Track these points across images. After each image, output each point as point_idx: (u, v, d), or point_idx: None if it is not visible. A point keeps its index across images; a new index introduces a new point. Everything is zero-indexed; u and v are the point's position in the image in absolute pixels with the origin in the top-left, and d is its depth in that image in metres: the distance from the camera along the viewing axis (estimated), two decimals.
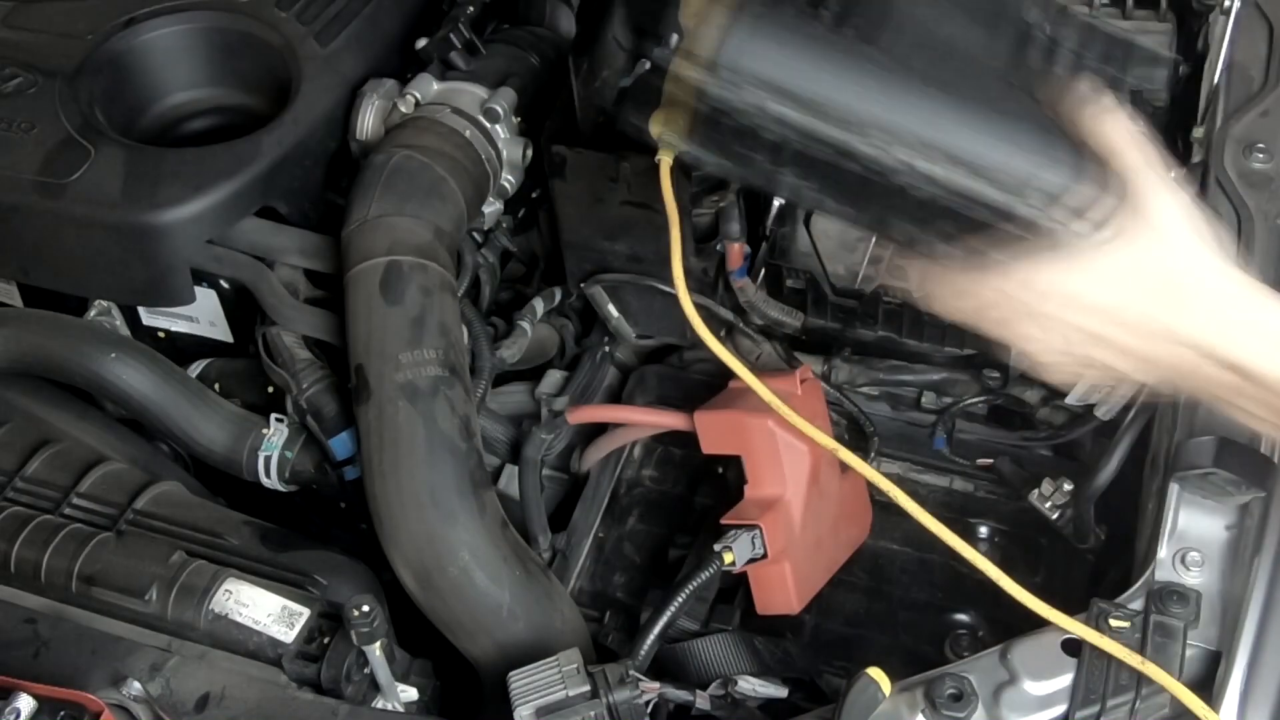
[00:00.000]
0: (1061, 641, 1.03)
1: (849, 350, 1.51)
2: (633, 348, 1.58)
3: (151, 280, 1.39)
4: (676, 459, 1.50)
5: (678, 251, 1.20)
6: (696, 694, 1.14)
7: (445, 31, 1.52)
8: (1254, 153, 1.31)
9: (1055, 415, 1.42)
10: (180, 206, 1.35)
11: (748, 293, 1.47)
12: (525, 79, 1.54)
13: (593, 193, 1.38)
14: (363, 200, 1.36)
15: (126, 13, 1.54)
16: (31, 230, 1.39)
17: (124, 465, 1.34)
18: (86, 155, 1.38)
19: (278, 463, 1.36)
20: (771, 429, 1.25)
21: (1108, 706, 0.98)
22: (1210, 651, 1.03)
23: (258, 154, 1.40)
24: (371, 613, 1.03)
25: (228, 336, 1.49)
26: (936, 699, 0.99)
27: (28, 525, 1.22)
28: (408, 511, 1.21)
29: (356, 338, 1.30)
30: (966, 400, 1.45)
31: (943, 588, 1.36)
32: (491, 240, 1.60)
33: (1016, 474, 1.37)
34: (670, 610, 1.16)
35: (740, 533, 1.21)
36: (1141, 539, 1.18)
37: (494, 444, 1.45)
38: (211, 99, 1.58)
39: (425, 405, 1.24)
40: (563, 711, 1.04)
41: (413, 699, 1.17)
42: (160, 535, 1.23)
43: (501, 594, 1.20)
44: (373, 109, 1.48)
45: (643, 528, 1.44)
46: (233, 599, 1.15)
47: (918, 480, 1.44)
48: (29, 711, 0.98)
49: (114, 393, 1.37)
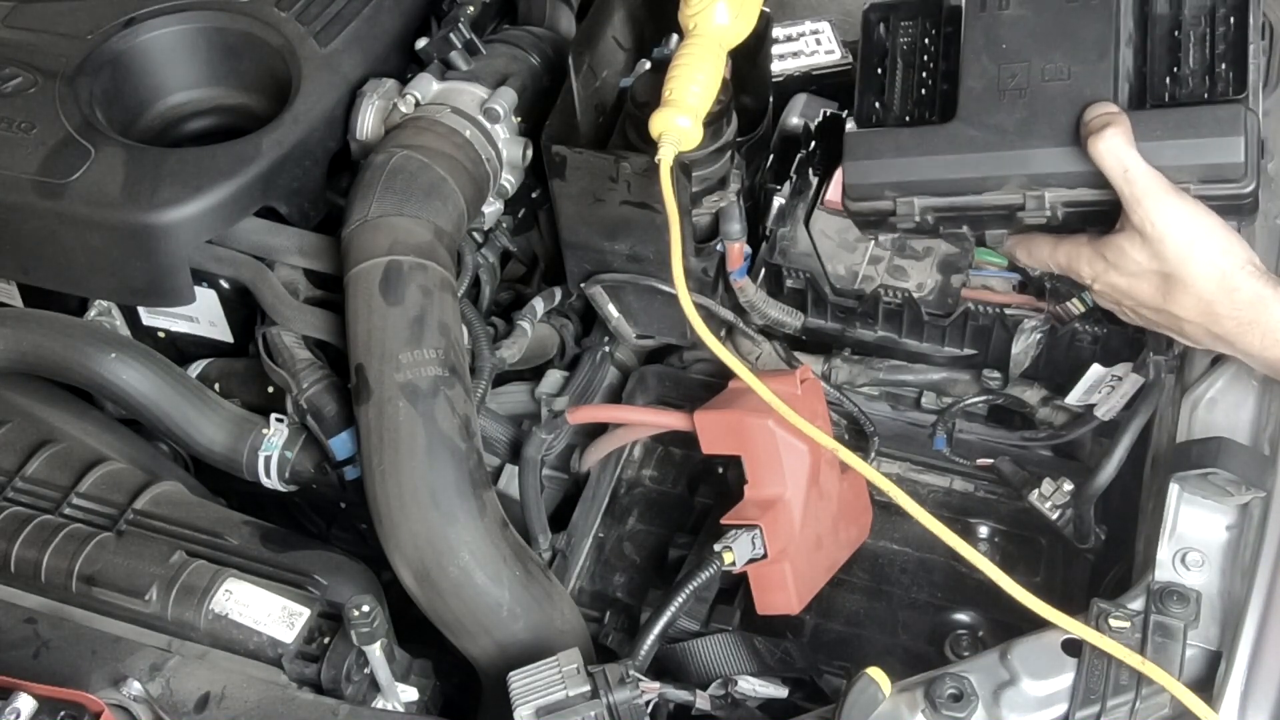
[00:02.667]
0: (1061, 641, 1.03)
1: (849, 350, 1.51)
2: (633, 348, 1.58)
3: (151, 280, 1.39)
4: (676, 459, 1.50)
5: (678, 251, 1.20)
6: (696, 694, 1.14)
7: (445, 31, 1.52)
8: None
9: (1055, 415, 1.42)
10: (180, 206, 1.35)
11: (748, 293, 1.47)
12: (525, 79, 1.54)
13: (593, 193, 1.38)
14: (363, 200, 1.36)
15: (126, 13, 1.54)
16: (31, 230, 1.39)
17: (124, 465, 1.34)
18: (86, 155, 1.38)
19: (278, 463, 1.36)
20: (771, 429, 1.25)
21: (1108, 706, 0.98)
22: (1210, 651, 1.03)
23: (258, 154, 1.40)
24: (371, 613, 1.03)
25: (228, 336, 1.49)
26: (936, 699, 0.99)
27: (28, 525, 1.22)
28: (408, 511, 1.21)
29: (356, 338, 1.30)
30: (966, 400, 1.45)
31: (943, 588, 1.36)
32: (491, 240, 1.60)
33: (1016, 474, 1.37)
34: (670, 610, 1.16)
35: (740, 533, 1.21)
36: (1141, 539, 1.19)
37: (494, 444, 1.45)
38: (211, 99, 1.58)
39: (425, 405, 1.24)
40: (563, 711, 1.04)
41: (413, 699, 1.17)
42: (160, 535, 1.23)
43: (501, 594, 1.20)
44: (373, 109, 1.48)
45: (643, 528, 1.44)
46: (233, 599, 1.16)
47: (918, 480, 1.44)
48: (29, 711, 0.98)
49: (114, 393, 1.37)
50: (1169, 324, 1.14)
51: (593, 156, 1.35)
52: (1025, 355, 1.43)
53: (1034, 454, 1.41)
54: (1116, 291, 1.15)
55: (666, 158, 1.22)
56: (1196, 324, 1.11)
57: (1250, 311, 1.07)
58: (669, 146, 1.23)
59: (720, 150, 1.40)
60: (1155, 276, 1.11)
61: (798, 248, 1.51)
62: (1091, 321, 1.40)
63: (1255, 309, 1.07)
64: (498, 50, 1.57)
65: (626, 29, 1.54)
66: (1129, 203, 1.09)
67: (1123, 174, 1.08)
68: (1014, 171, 1.15)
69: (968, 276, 1.45)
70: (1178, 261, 1.08)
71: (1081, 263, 1.16)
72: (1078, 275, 1.18)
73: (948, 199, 1.19)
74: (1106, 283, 1.15)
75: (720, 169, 1.41)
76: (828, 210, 1.52)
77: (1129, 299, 1.15)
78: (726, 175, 1.42)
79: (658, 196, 1.25)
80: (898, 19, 1.27)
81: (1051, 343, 1.43)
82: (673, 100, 1.24)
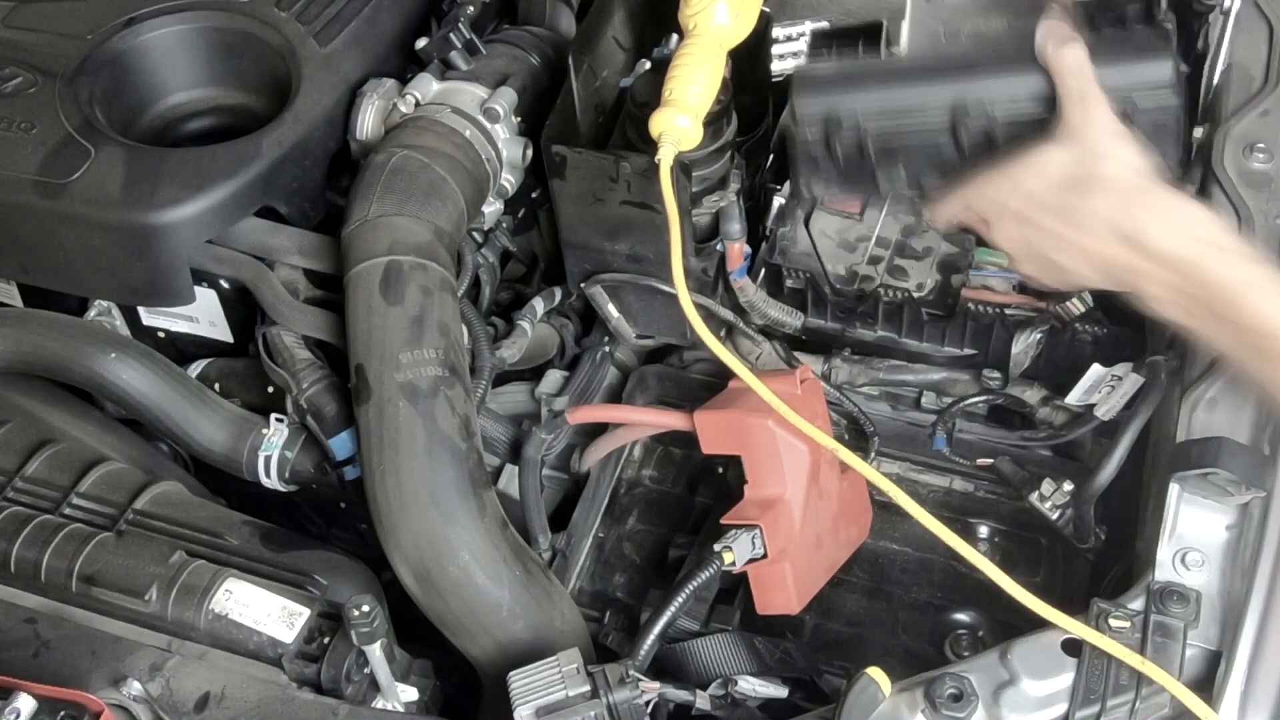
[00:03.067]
0: (1061, 641, 1.03)
1: (849, 350, 1.51)
2: (633, 348, 1.58)
3: (151, 280, 1.39)
4: (676, 459, 1.50)
5: (678, 251, 1.20)
6: (696, 694, 1.14)
7: (445, 31, 1.52)
8: (1254, 153, 1.31)
9: (1055, 415, 1.42)
10: (180, 206, 1.35)
11: (748, 293, 1.47)
12: (525, 79, 1.54)
13: (593, 193, 1.38)
14: (363, 200, 1.36)
15: (126, 13, 1.54)
16: (31, 230, 1.39)
17: (124, 465, 1.34)
18: (86, 155, 1.39)
19: (278, 463, 1.36)
20: (771, 429, 1.25)
21: (1108, 706, 0.98)
22: (1210, 651, 1.03)
23: (258, 154, 1.40)
24: (371, 613, 1.03)
25: (228, 336, 1.49)
26: (936, 699, 0.99)
27: (28, 525, 1.22)
28: (408, 511, 1.21)
29: (356, 338, 1.30)
30: (966, 400, 1.45)
31: (943, 588, 1.36)
32: (491, 240, 1.60)
33: (1016, 474, 1.37)
34: (670, 610, 1.16)
35: (740, 533, 1.21)
36: (1141, 539, 1.19)
37: (494, 444, 1.45)
38: (211, 99, 1.58)
39: (425, 405, 1.24)
40: (563, 711, 1.04)
41: (413, 699, 1.17)
42: (160, 535, 1.23)
43: (501, 594, 1.20)
44: (372, 109, 1.48)
45: (643, 528, 1.44)
46: (233, 599, 1.16)
47: (918, 480, 1.44)
48: (29, 711, 0.98)
49: (114, 393, 1.37)
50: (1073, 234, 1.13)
51: (593, 156, 1.35)
52: (1025, 355, 1.43)
53: (1034, 454, 1.41)
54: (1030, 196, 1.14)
55: (666, 158, 1.22)
56: (1104, 223, 1.10)
57: (1165, 201, 1.09)
58: (669, 146, 1.23)
59: (720, 150, 1.40)
60: (1073, 178, 1.12)
61: (798, 248, 1.51)
62: (1091, 321, 1.40)
63: (1169, 200, 1.09)
64: (498, 50, 1.57)
65: (626, 29, 1.54)
66: (1072, 101, 1.14)
67: (1077, 75, 1.14)
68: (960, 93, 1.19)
69: (968, 276, 1.45)
70: (1102, 154, 1.11)
71: (992, 187, 1.16)
72: (991, 199, 1.17)
73: (892, 121, 1.21)
74: (1017, 201, 1.15)
75: (720, 169, 1.41)
76: (828, 210, 1.52)
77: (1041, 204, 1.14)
78: (726, 175, 1.43)
79: (658, 196, 1.25)
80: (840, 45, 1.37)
81: (1051, 343, 1.43)
82: (673, 100, 1.24)
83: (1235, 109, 1.37)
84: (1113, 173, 1.10)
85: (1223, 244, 1.06)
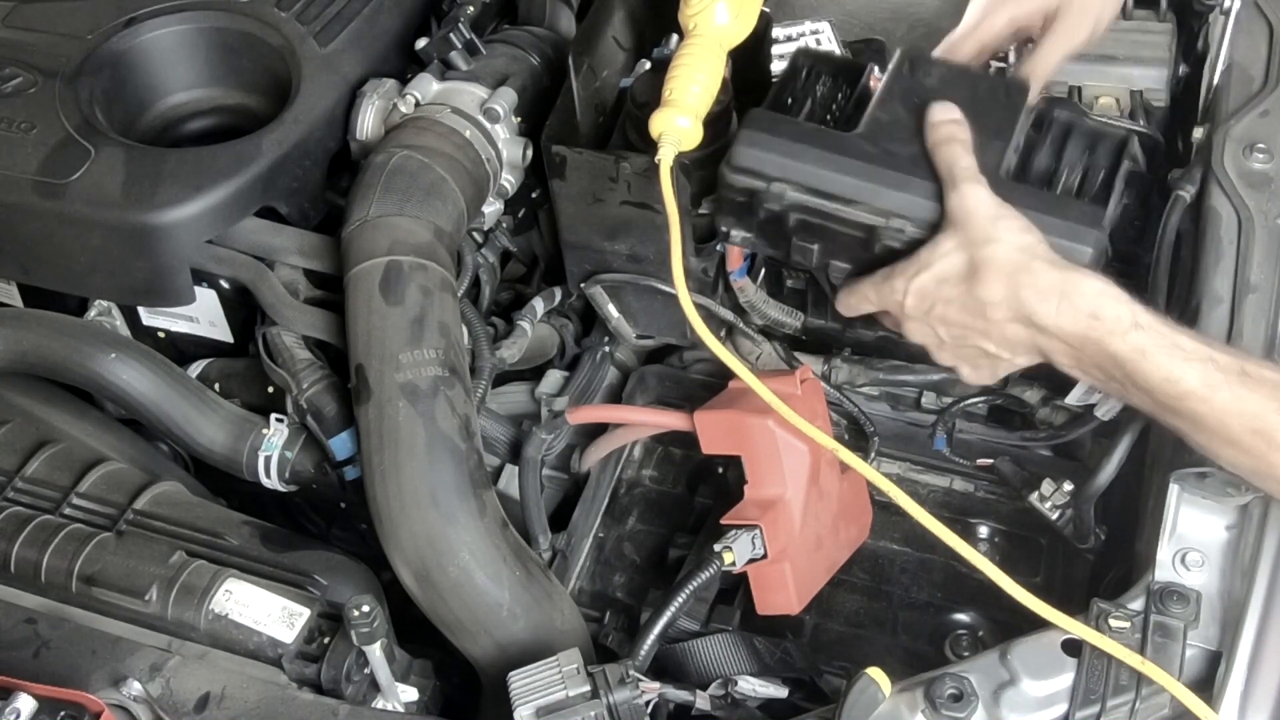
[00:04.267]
0: (1061, 641, 1.03)
1: (849, 350, 1.51)
2: (633, 348, 1.58)
3: (151, 280, 1.39)
4: (676, 459, 1.49)
5: (678, 251, 1.20)
6: (696, 694, 1.14)
7: (445, 31, 1.52)
8: (1254, 153, 1.31)
9: (1055, 415, 1.42)
10: (180, 206, 1.35)
11: (748, 293, 1.47)
12: (525, 79, 1.54)
13: (593, 193, 1.38)
14: (363, 200, 1.36)
15: (126, 13, 1.54)
16: (31, 230, 1.39)
17: (124, 465, 1.34)
18: (86, 155, 1.39)
19: (278, 463, 1.36)
20: (771, 429, 1.25)
21: (1108, 707, 0.98)
22: (1210, 651, 1.03)
23: (258, 154, 1.40)
24: (371, 613, 1.03)
25: (228, 336, 1.49)
26: (936, 699, 0.99)
27: (28, 525, 1.22)
28: (408, 511, 1.21)
29: (356, 338, 1.30)
30: (966, 400, 1.45)
31: (943, 588, 1.36)
32: (491, 240, 1.60)
33: (1016, 474, 1.37)
34: (670, 610, 1.16)
35: (740, 533, 1.21)
36: (1141, 539, 1.19)
37: (494, 444, 1.45)
38: (211, 99, 1.58)
39: (425, 405, 1.24)
40: (563, 711, 1.04)
41: (413, 699, 1.17)
42: (160, 535, 1.23)
43: (501, 594, 1.20)
44: (373, 109, 1.49)
45: (643, 528, 1.44)
46: (233, 599, 1.16)
47: (918, 480, 1.44)
48: (29, 711, 0.98)
49: (114, 393, 1.37)
50: (976, 321, 1.14)
51: (593, 156, 1.35)
52: None
53: (1034, 454, 1.41)
54: (928, 293, 1.15)
55: (666, 158, 1.22)
56: (1002, 307, 1.11)
57: (1047, 279, 1.09)
58: (669, 146, 1.23)
59: (720, 150, 1.39)
60: (963, 263, 1.12)
61: None
62: None
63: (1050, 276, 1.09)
64: (498, 50, 1.57)
65: (626, 29, 1.54)
66: (947, 186, 1.15)
67: (950, 166, 1.16)
68: (891, 198, 1.19)
69: None
70: (984, 239, 1.11)
71: (896, 277, 1.17)
72: (892, 298, 1.18)
73: (819, 200, 1.20)
74: (919, 288, 1.15)
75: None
76: None
77: (939, 298, 1.15)
78: None
79: (658, 196, 1.25)
80: (821, 70, 1.35)
81: None
82: (673, 100, 1.24)
83: (1235, 109, 1.37)
84: (997, 256, 1.11)
85: (1104, 316, 1.07)
